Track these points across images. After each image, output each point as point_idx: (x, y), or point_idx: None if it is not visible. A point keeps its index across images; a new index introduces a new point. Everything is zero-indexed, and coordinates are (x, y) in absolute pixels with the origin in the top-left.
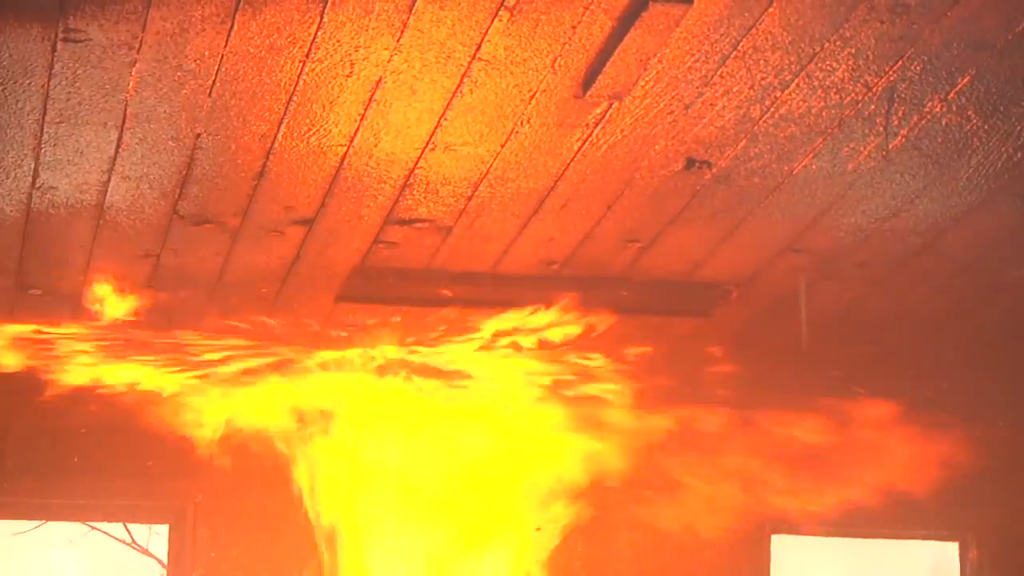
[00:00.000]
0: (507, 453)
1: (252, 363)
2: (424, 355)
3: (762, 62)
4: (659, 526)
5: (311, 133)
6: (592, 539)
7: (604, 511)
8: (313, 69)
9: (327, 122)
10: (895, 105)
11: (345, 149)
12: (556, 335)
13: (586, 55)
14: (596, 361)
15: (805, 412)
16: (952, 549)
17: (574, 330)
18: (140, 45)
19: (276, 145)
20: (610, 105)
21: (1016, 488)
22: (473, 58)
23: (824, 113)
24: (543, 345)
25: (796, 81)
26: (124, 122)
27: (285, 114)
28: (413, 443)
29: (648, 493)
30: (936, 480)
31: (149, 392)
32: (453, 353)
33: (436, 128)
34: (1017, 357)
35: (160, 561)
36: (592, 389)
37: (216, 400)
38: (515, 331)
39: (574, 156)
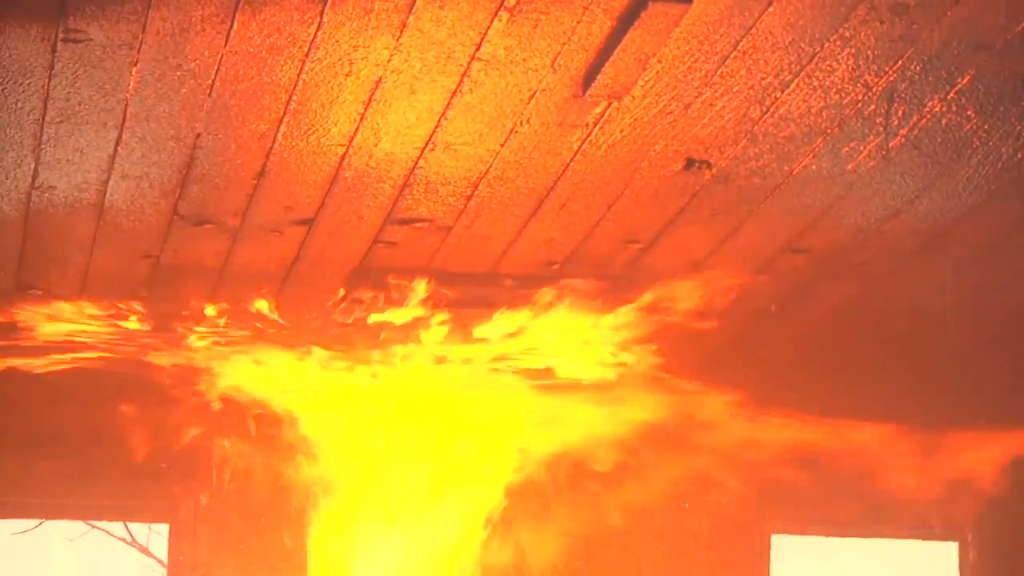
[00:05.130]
0: (501, 450)
1: (253, 362)
2: (423, 352)
3: (762, 62)
4: (658, 525)
5: (311, 133)
6: (591, 540)
7: (603, 511)
8: (313, 69)
9: (327, 122)
10: (895, 105)
11: (345, 149)
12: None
13: (586, 55)
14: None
15: (805, 412)
16: (952, 549)
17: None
18: (140, 45)
19: (276, 145)
20: (610, 105)
21: (1016, 488)
22: (473, 58)
23: (824, 113)
24: None
25: (796, 81)
26: (124, 122)
27: (285, 114)
28: (414, 441)
29: (647, 493)
30: (936, 480)
31: (150, 391)
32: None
33: (436, 128)
34: (1018, 356)
35: (160, 560)
36: (589, 388)
37: (217, 399)
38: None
39: (574, 156)
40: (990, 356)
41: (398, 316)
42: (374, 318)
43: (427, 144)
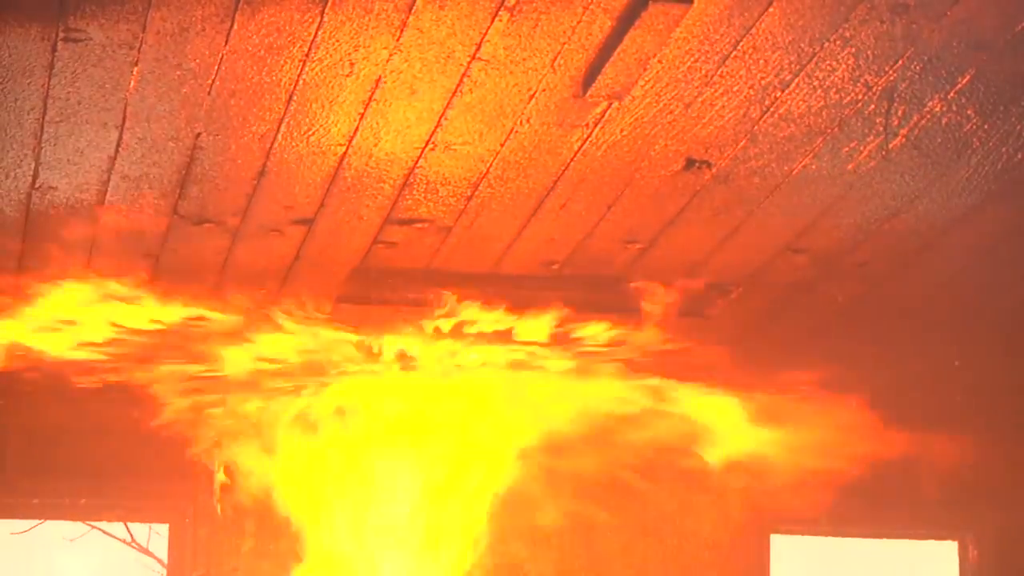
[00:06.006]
0: (502, 451)
1: (251, 362)
2: (426, 352)
3: (762, 62)
4: (657, 526)
5: (311, 132)
6: (591, 540)
7: (603, 512)
8: (313, 69)
9: (327, 122)
10: (895, 105)
11: (345, 149)
12: None
13: (586, 55)
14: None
15: (804, 412)
16: (951, 549)
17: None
18: (140, 45)
19: (276, 145)
20: (610, 105)
21: (1015, 488)
22: (473, 58)
23: (824, 113)
24: None
25: (796, 81)
26: (124, 122)
27: (285, 114)
28: (415, 442)
29: (646, 494)
30: (935, 480)
31: (149, 391)
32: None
33: (436, 128)
34: (1017, 357)
35: (160, 560)
36: (592, 389)
37: (216, 400)
38: None
39: (574, 156)
40: (990, 357)
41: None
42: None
43: (427, 144)
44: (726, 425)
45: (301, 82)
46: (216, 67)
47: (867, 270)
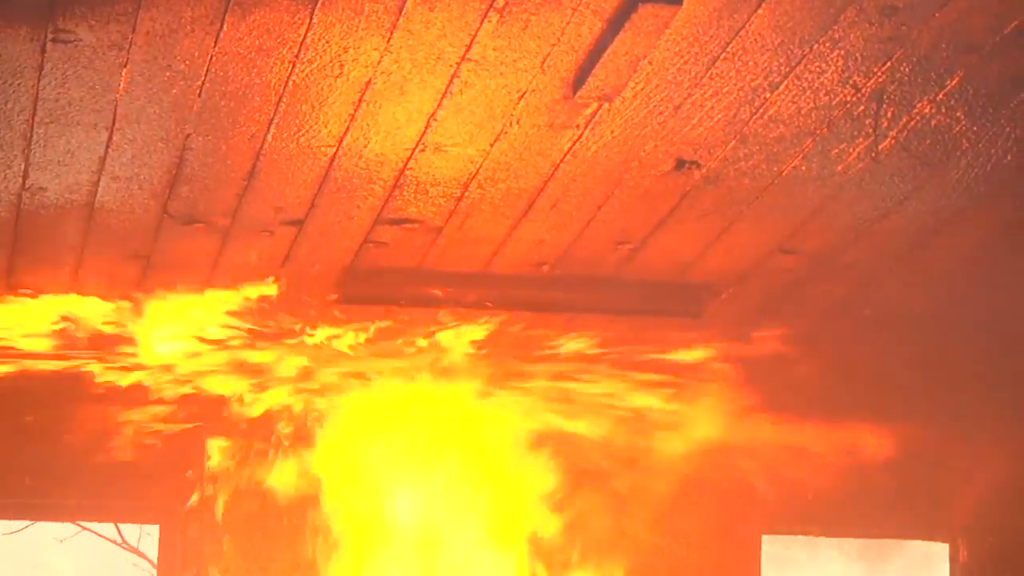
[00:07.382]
0: (497, 456)
1: (244, 363)
2: (417, 354)
3: (751, 63)
4: (649, 526)
5: (301, 134)
6: (587, 540)
7: (597, 513)
8: (303, 70)
9: (317, 123)
10: (884, 106)
11: (335, 150)
12: None
13: (576, 56)
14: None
15: (797, 413)
16: (942, 550)
17: None
18: (130, 46)
19: (266, 146)
20: (600, 106)
21: (1006, 490)
22: (462, 59)
23: (813, 114)
24: None
25: (785, 83)
26: (114, 123)
27: (275, 115)
28: (409, 442)
29: (642, 495)
30: (927, 481)
31: (141, 392)
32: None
33: (426, 129)
34: (1007, 359)
35: (151, 561)
36: (582, 390)
37: (209, 401)
38: None
39: (564, 157)
40: (981, 357)
41: None
42: None
43: (417, 145)
44: (716, 423)
45: (291, 83)
46: (206, 68)
47: (857, 271)
